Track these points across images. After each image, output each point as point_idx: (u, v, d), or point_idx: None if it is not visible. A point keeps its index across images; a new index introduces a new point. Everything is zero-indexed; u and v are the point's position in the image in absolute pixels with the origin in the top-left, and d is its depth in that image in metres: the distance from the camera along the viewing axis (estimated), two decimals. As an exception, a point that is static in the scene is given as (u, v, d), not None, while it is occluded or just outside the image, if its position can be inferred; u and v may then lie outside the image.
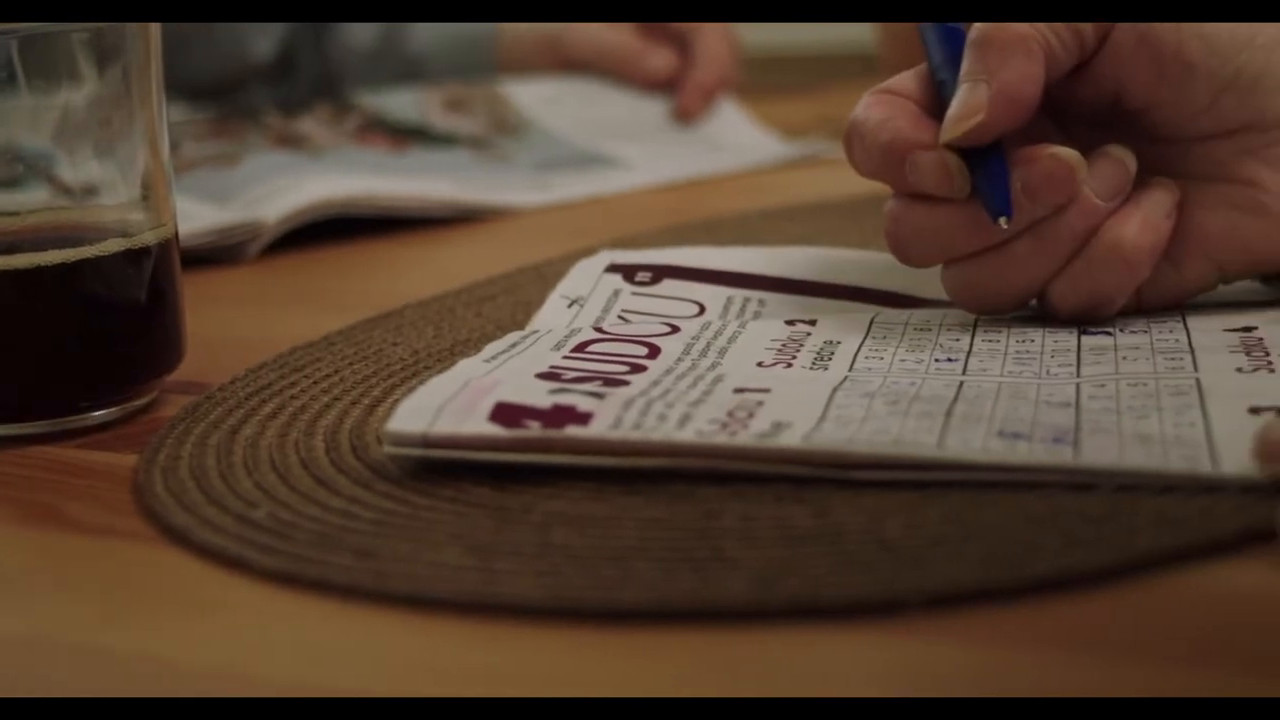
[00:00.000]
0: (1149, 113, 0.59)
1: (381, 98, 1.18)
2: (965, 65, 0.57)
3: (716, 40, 1.26)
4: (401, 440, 0.50)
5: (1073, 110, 0.60)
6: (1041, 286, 0.59)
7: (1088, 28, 0.57)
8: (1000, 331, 0.59)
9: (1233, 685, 0.36)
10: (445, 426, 0.49)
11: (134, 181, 0.60)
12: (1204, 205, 0.59)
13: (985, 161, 0.57)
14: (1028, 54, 0.56)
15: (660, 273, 0.69)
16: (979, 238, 0.57)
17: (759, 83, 1.41)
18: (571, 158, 1.15)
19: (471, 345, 0.65)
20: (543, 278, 0.76)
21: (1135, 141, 0.59)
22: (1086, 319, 0.59)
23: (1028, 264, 0.58)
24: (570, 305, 0.66)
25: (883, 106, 0.59)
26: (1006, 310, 0.60)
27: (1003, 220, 0.56)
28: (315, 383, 0.61)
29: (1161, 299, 0.60)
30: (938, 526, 0.43)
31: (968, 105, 0.56)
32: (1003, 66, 0.56)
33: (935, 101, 0.59)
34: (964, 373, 0.55)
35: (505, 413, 0.50)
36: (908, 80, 0.60)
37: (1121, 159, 0.58)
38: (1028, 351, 0.57)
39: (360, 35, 1.39)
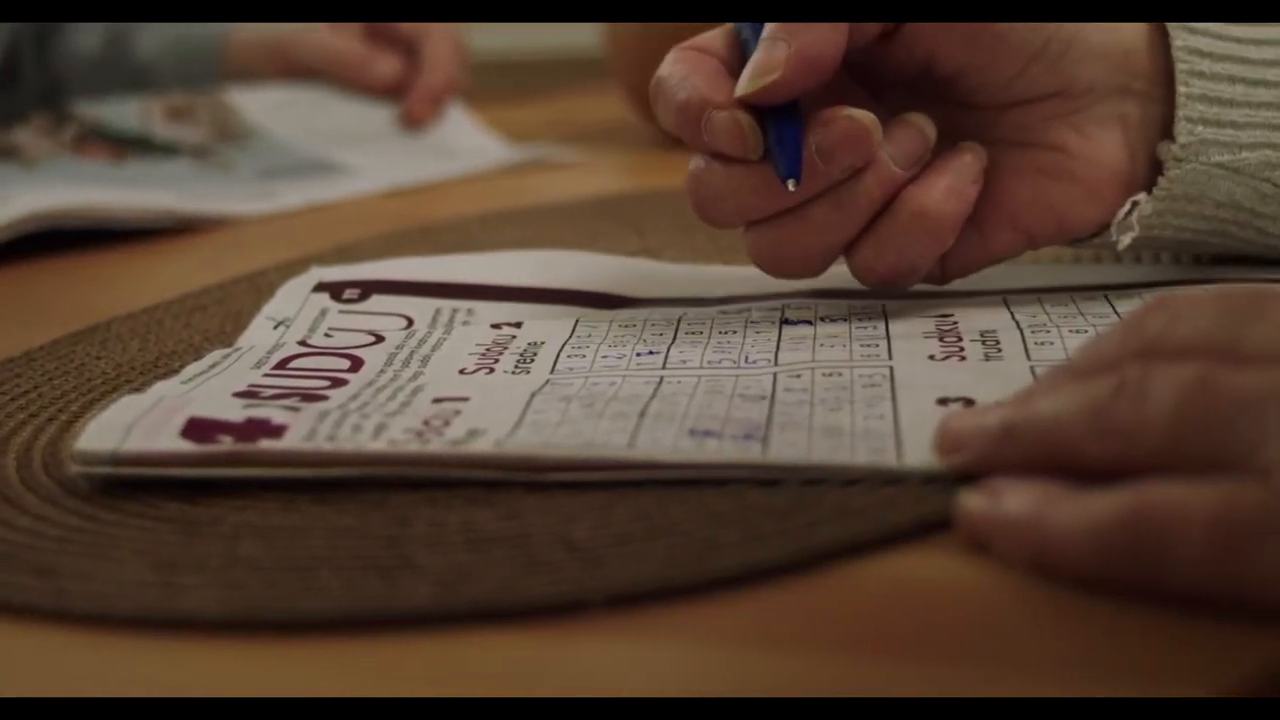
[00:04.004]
0: (960, 80, 0.59)
1: (101, 107, 1.16)
2: (769, 24, 0.56)
3: (444, 45, 1.26)
4: (90, 459, 0.49)
5: (885, 77, 0.60)
6: (839, 251, 0.59)
7: None
8: (703, 324, 0.60)
9: (908, 677, 0.36)
10: (135, 444, 0.49)
11: None
12: (1013, 172, 0.59)
13: (779, 123, 0.56)
14: None
15: (368, 289, 0.68)
16: (774, 200, 0.57)
17: (487, 87, 1.41)
18: (297, 165, 1.14)
19: (177, 357, 0.64)
20: (256, 288, 0.75)
21: (947, 108, 0.59)
22: (891, 285, 0.60)
23: (824, 229, 0.57)
24: (276, 327, 0.66)
25: (685, 64, 0.58)
26: (808, 274, 0.60)
27: (790, 183, 0.55)
28: (12, 399, 0.60)
29: (966, 266, 0.61)
30: (625, 526, 0.44)
31: (764, 63, 0.55)
32: (805, 28, 0.55)
33: (740, 60, 0.58)
34: (664, 365, 0.55)
35: (197, 428, 0.49)
36: (715, 38, 0.59)
37: (920, 126, 0.58)
38: (729, 341, 0.58)
39: (84, 42, 1.36)
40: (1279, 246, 0.61)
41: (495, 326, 0.62)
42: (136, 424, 0.49)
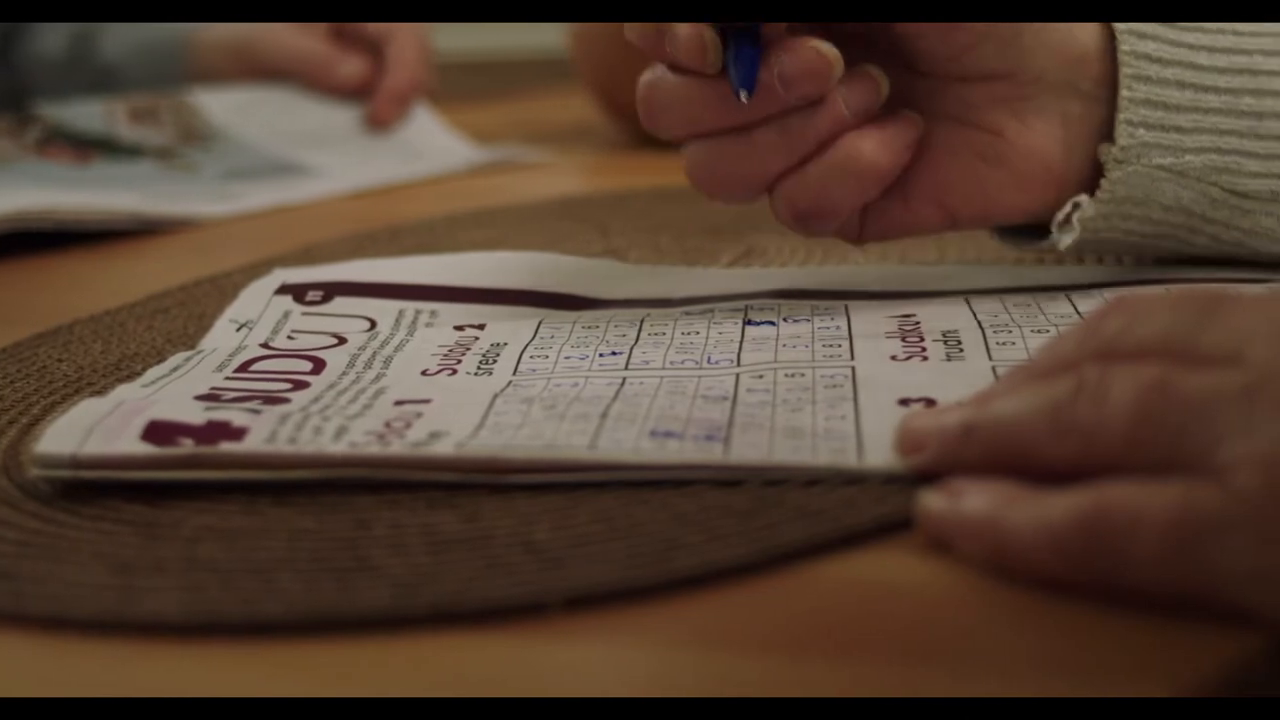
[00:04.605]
0: (913, 41, 0.59)
1: (65, 108, 1.15)
2: None
3: (409, 45, 1.25)
4: (50, 462, 0.48)
5: (845, 25, 0.60)
6: (771, 180, 0.59)
7: None
8: (667, 325, 0.60)
9: (870, 676, 0.36)
10: (95, 447, 0.48)
11: None
12: (948, 149, 0.60)
13: (740, 42, 0.57)
14: None
15: (331, 290, 0.68)
16: (724, 116, 0.58)
17: (452, 88, 1.41)
18: (262, 167, 1.14)
19: (139, 359, 0.63)
20: (220, 290, 0.75)
21: (897, 69, 0.60)
22: (808, 226, 0.60)
23: (765, 154, 0.58)
24: (239, 329, 0.65)
25: None
26: (736, 199, 0.61)
27: (743, 94, 0.56)
28: (-27, 402, 0.59)
29: (885, 231, 0.62)
30: (586, 527, 0.44)
31: None
32: None
33: None
34: (627, 366, 0.55)
35: (158, 431, 0.49)
36: None
37: (876, 79, 0.59)
38: (691, 342, 0.58)
39: (48, 44, 1.35)
40: (1235, 253, 0.61)
41: (458, 328, 0.62)
42: (97, 427, 0.49)
